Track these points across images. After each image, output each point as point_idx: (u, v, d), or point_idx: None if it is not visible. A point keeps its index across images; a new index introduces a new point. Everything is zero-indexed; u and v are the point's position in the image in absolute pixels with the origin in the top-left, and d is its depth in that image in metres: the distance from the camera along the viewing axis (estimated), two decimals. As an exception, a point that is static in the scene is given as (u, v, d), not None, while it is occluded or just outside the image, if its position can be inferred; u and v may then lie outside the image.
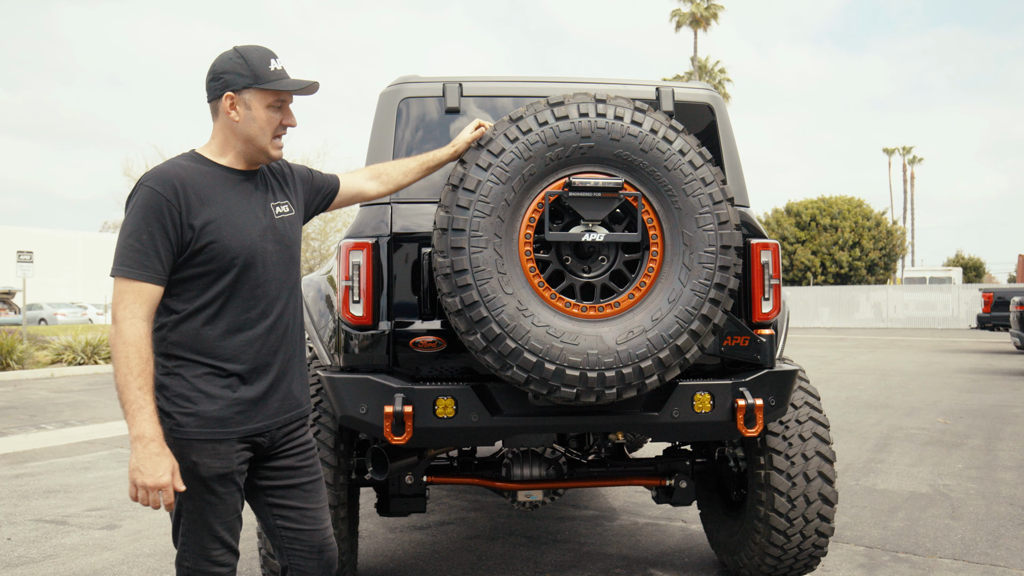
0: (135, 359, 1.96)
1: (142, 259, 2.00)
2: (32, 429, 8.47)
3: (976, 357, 17.10)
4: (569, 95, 2.87)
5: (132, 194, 2.07)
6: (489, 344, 2.71)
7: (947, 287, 34.26)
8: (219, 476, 2.11)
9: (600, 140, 2.81)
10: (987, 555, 4.16)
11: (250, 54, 2.16)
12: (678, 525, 4.74)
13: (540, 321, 2.73)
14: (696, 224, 2.81)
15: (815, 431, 3.40)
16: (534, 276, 2.79)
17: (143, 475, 1.95)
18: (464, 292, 2.70)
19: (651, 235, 2.84)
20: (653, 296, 2.82)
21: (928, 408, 9.46)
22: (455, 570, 3.97)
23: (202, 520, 2.12)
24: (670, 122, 2.86)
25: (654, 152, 2.81)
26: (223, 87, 2.14)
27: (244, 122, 2.15)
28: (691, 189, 2.81)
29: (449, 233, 2.73)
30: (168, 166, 2.10)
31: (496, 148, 2.77)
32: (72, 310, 36.71)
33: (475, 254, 2.71)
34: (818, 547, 3.43)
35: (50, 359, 15.32)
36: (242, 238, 2.12)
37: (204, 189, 2.10)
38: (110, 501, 5.41)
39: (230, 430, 2.11)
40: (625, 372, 2.74)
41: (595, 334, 2.76)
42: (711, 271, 2.79)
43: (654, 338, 2.76)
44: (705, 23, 46.08)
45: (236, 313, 2.13)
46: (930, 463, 6.42)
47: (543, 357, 2.71)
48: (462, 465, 3.68)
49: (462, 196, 2.75)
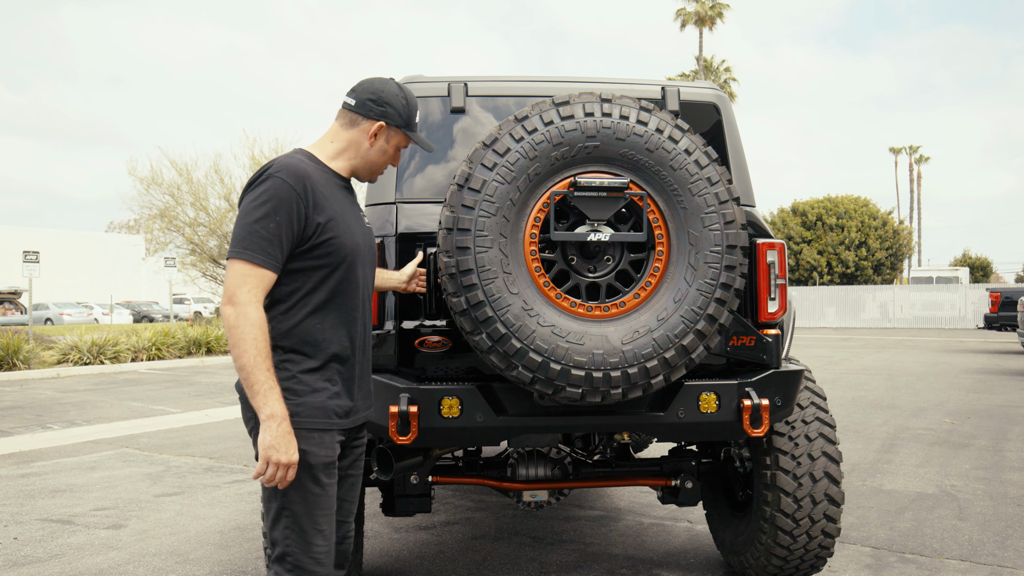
0: (262, 341, 2.02)
1: (267, 246, 2.06)
2: (38, 429, 8.49)
3: (983, 357, 17.04)
4: (574, 95, 2.85)
5: (256, 181, 2.12)
6: (494, 344, 2.70)
7: (954, 287, 34.13)
8: (325, 465, 2.14)
9: (605, 140, 2.79)
10: (994, 556, 4.14)
11: (411, 99, 2.34)
12: (683, 525, 4.73)
13: (545, 321, 2.72)
14: (702, 224, 2.80)
15: (821, 431, 3.39)
16: (539, 276, 2.78)
17: (278, 452, 2.00)
18: (469, 292, 2.69)
19: (656, 235, 2.83)
20: (659, 296, 2.81)
21: (935, 408, 9.43)
22: (460, 570, 3.97)
23: (307, 513, 2.13)
24: (676, 121, 2.85)
25: (660, 151, 2.80)
26: (381, 115, 2.28)
27: (377, 151, 2.32)
28: (697, 188, 2.80)
29: (454, 233, 2.71)
30: (295, 161, 2.16)
31: (501, 148, 2.76)
32: (78, 310, 36.84)
33: (480, 254, 2.70)
34: (824, 548, 3.42)
35: (56, 359, 15.36)
36: (352, 237, 2.22)
37: (323, 188, 2.18)
38: (116, 501, 5.42)
39: (333, 421, 2.16)
40: (631, 372, 2.73)
41: (601, 334, 2.75)
42: (717, 271, 2.78)
43: (660, 338, 2.75)
44: (711, 22, 45.99)
45: (340, 310, 2.20)
46: (937, 464, 6.40)
47: (548, 357, 2.70)
48: (467, 465, 3.68)
49: (467, 196, 2.73)
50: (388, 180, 3.21)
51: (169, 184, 24.42)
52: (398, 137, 2.33)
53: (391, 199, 3.17)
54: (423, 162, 3.27)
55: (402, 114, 2.30)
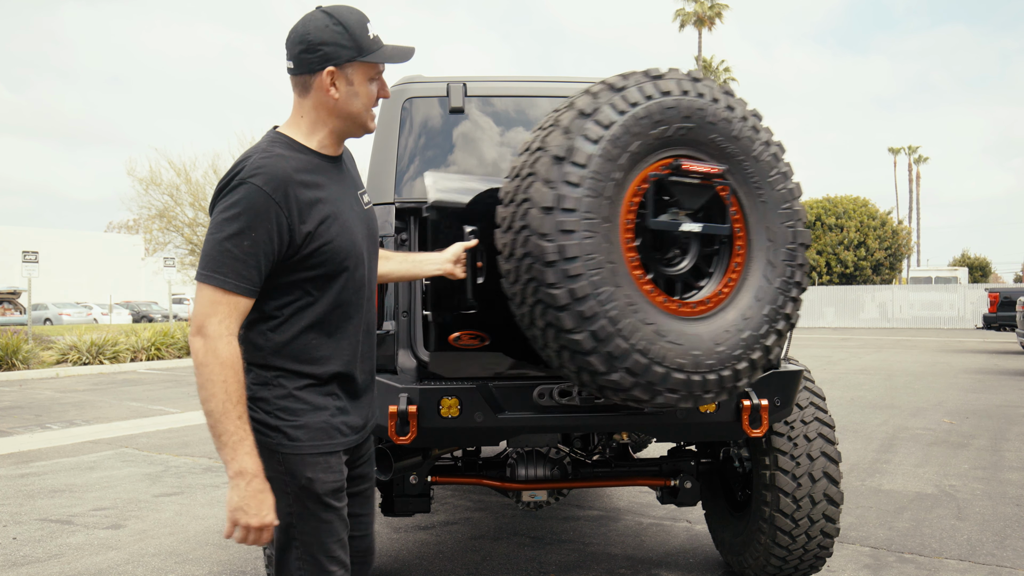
0: (234, 384, 1.74)
1: (241, 268, 1.75)
2: (37, 429, 8.49)
3: (982, 357, 17.04)
4: (664, 69, 2.56)
5: (227, 188, 1.79)
6: (598, 344, 2.38)
7: (953, 287, 34.15)
8: (334, 491, 1.91)
9: (699, 122, 2.53)
10: (993, 556, 4.14)
11: (348, 19, 1.87)
12: (683, 525, 4.73)
13: (648, 319, 2.44)
14: (779, 219, 2.66)
15: (820, 431, 3.39)
16: (635, 268, 2.48)
17: (248, 515, 1.74)
18: (574, 283, 2.34)
19: (735, 228, 2.64)
20: (742, 294, 2.62)
21: (934, 408, 9.43)
22: (459, 570, 3.97)
23: (319, 542, 1.90)
24: (755, 110, 2.69)
25: (744, 140, 2.61)
26: (322, 61, 1.85)
27: (345, 99, 1.89)
28: (775, 182, 2.66)
29: (556, 212, 2.35)
30: (271, 160, 1.81)
31: (605, 119, 2.42)
32: (77, 310, 36.83)
33: (587, 240, 2.36)
34: (823, 548, 3.42)
35: (55, 359, 15.36)
36: (350, 237, 1.91)
37: (311, 186, 1.85)
38: (115, 501, 5.42)
39: (338, 441, 1.92)
40: (724, 375, 2.53)
41: (695, 334, 2.52)
42: (792, 268, 2.65)
43: (748, 339, 2.57)
44: (710, 22, 45.99)
45: (340, 320, 1.92)
46: (936, 463, 6.40)
47: (652, 359, 2.41)
48: (466, 465, 3.68)
49: (571, 170, 2.37)
50: (388, 181, 3.21)
51: (168, 184, 24.42)
52: (360, 70, 1.89)
53: (391, 199, 3.17)
54: (423, 164, 3.26)
55: (345, 44, 1.85)
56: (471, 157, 3.33)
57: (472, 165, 3.31)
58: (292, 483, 1.86)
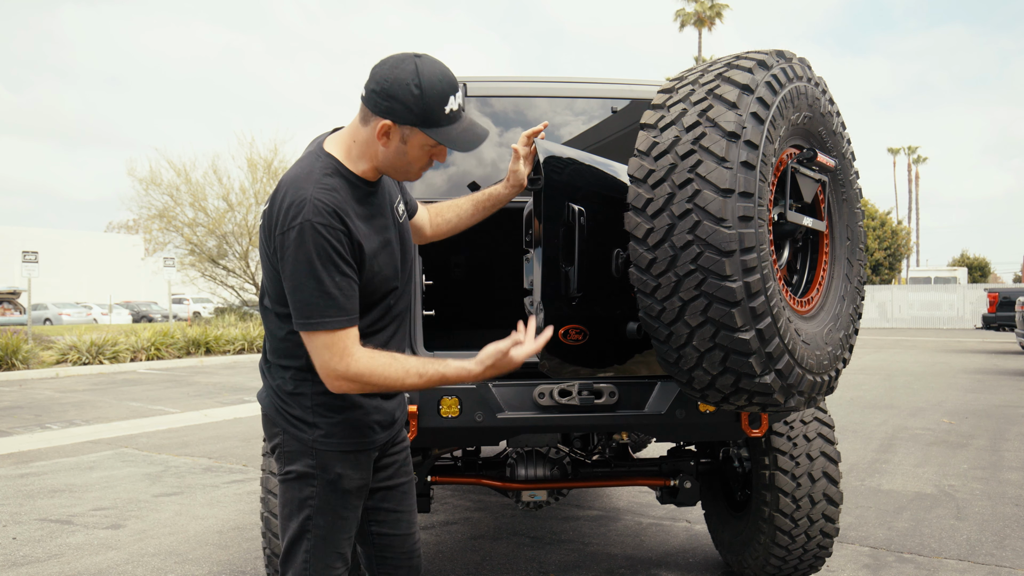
0: (393, 367, 1.82)
1: (337, 302, 1.78)
2: (37, 429, 8.49)
3: (981, 357, 17.05)
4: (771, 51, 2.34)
5: (288, 230, 1.77)
6: (762, 344, 2.16)
7: (952, 287, 34.16)
8: (359, 488, 1.98)
9: (814, 112, 2.40)
10: (992, 556, 4.14)
11: (430, 87, 1.81)
12: (682, 525, 4.73)
13: (790, 316, 2.28)
14: (855, 218, 2.62)
15: (820, 431, 3.39)
16: (775, 262, 2.29)
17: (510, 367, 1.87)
18: (749, 276, 2.11)
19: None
20: (831, 292, 2.56)
21: (933, 408, 9.43)
22: (459, 570, 3.97)
23: (331, 537, 1.96)
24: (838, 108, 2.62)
25: (836, 137, 2.52)
26: (386, 112, 1.82)
27: (394, 154, 1.87)
28: (852, 181, 2.64)
29: (735, 198, 2.10)
30: (322, 193, 1.80)
31: (767, 98, 2.20)
32: (77, 310, 36.81)
33: (760, 229, 2.13)
34: (823, 547, 3.42)
35: (55, 359, 15.35)
36: (393, 263, 1.96)
37: (362, 218, 1.87)
38: (115, 501, 5.42)
39: (371, 439, 1.98)
40: (831, 376, 2.43)
41: (814, 333, 2.40)
42: (862, 267, 2.62)
43: (843, 338, 2.48)
44: (710, 23, 46.01)
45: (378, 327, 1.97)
46: (935, 463, 6.41)
47: (796, 361, 2.25)
48: (466, 465, 3.68)
49: (746, 152, 2.13)
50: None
51: (168, 184, 24.45)
52: (419, 136, 1.85)
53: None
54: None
55: (413, 109, 1.80)
56: (471, 157, 3.33)
57: (472, 165, 3.32)
58: (322, 476, 1.92)
